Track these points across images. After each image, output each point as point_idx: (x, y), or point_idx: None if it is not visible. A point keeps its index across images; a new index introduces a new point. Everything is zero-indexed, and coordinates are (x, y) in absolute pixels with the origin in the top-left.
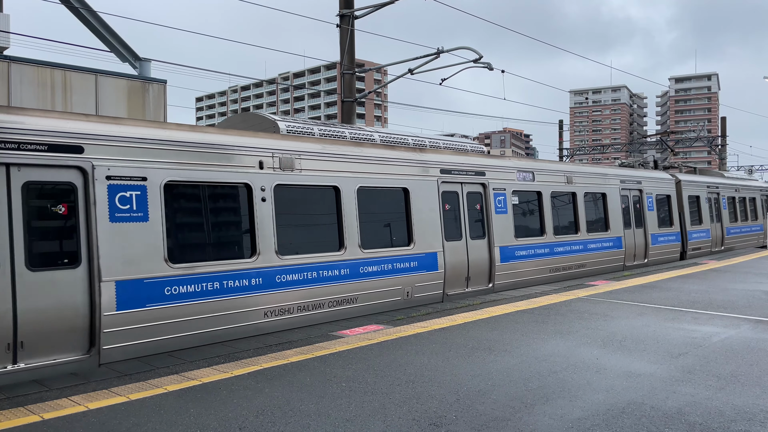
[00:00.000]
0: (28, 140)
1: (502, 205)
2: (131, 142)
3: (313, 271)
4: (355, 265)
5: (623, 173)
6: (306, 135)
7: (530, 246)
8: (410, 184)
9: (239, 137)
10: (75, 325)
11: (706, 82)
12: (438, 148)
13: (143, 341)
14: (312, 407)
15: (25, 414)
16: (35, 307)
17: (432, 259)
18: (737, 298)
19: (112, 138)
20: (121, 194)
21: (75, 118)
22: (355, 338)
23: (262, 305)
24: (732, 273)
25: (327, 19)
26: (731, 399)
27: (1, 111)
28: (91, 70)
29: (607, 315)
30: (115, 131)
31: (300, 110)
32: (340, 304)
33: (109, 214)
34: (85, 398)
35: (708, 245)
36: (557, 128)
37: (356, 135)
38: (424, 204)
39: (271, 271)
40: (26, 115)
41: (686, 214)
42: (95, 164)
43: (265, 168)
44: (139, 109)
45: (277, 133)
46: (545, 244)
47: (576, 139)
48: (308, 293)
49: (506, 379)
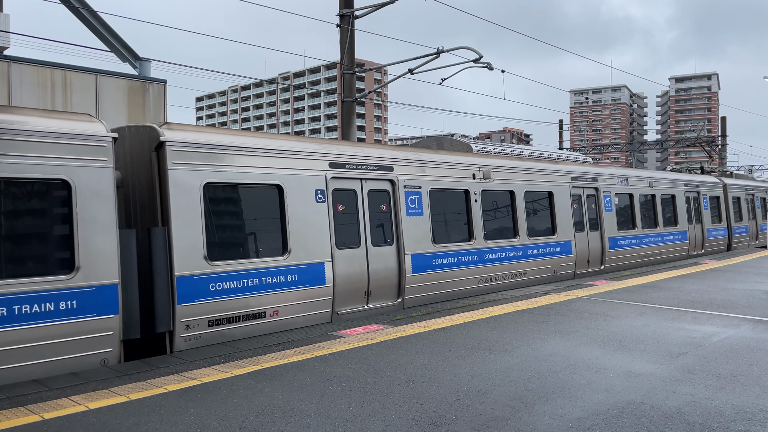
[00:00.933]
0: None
1: (609, 204)
2: (413, 163)
3: (503, 252)
4: (525, 248)
5: (687, 178)
6: (487, 153)
7: (628, 237)
8: (554, 188)
9: (463, 157)
10: None
11: (706, 81)
12: (563, 161)
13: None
14: (312, 407)
15: (25, 414)
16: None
17: (567, 247)
18: (737, 298)
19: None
20: (411, 197)
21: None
22: (355, 338)
23: (477, 274)
24: (732, 272)
25: (327, 19)
26: (731, 399)
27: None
28: (91, 70)
29: (607, 315)
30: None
31: (300, 110)
32: (516, 277)
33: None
34: (85, 398)
35: (747, 239)
36: (557, 128)
37: (516, 152)
38: (562, 203)
39: (481, 251)
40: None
41: (731, 213)
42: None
43: (476, 178)
44: (140, 109)
45: (471, 152)
46: (638, 235)
47: (576, 139)
48: (500, 267)
49: (506, 379)
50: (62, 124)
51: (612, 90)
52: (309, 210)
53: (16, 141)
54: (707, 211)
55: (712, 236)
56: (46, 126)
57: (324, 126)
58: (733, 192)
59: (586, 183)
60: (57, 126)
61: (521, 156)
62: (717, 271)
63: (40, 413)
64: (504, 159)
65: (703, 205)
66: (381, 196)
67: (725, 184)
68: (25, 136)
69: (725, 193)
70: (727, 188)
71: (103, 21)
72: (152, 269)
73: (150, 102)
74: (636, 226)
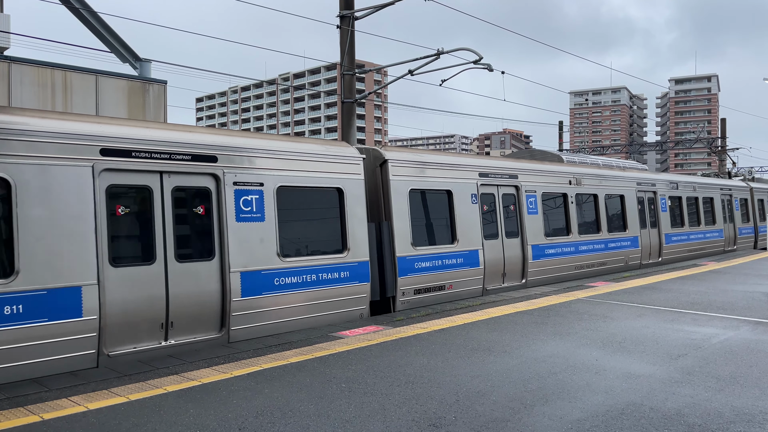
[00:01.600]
0: None
1: (664, 206)
2: (530, 173)
3: (591, 244)
4: (606, 242)
5: (722, 183)
6: (574, 163)
7: (679, 234)
8: (624, 191)
9: (562, 166)
10: None
11: (706, 83)
12: (629, 168)
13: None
14: (311, 408)
15: (25, 414)
16: None
17: (635, 241)
18: (737, 300)
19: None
20: (530, 199)
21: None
22: (354, 339)
23: (574, 262)
24: (731, 274)
25: (327, 20)
26: (730, 400)
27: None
28: (92, 71)
29: (606, 316)
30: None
31: (300, 111)
32: (599, 265)
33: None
34: (84, 398)
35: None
36: (557, 129)
37: (593, 161)
38: (631, 204)
39: (577, 243)
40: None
41: (756, 214)
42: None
43: (571, 184)
44: (140, 110)
45: (563, 162)
46: (686, 232)
47: (576, 140)
48: (589, 257)
49: (505, 380)
50: (336, 149)
51: (612, 91)
52: (468, 209)
53: (318, 162)
54: (738, 212)
55: (742, 234)
56: (329, 151)
57: (324, 127)
58: (758, 195)
59: (647, 187)
60: (335, 151)
61: (597, 165)
62: (717, 273)
63: (40, 414)
64: (588, 167)
65: (735, 206)
66: (510, 199)
67: (751, 188)
68: (321, 160)
69: (751, 196)
70: (753, 191)
71: (104, 21)
72: (382, 251)
73: (150, 103)
74: (684, 225)
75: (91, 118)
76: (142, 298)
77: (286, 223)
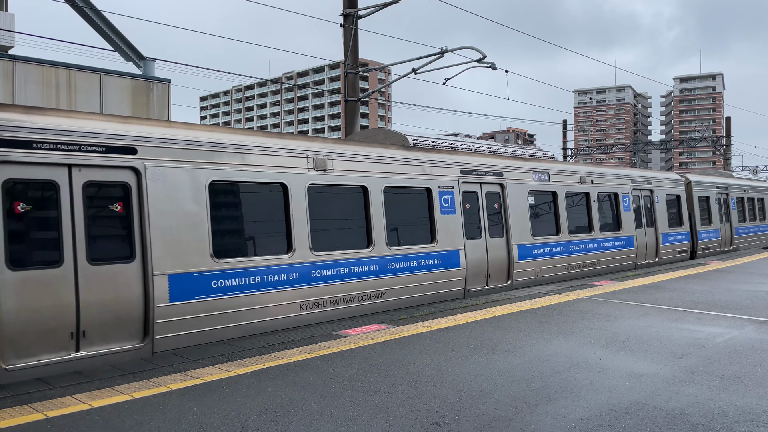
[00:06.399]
0: None
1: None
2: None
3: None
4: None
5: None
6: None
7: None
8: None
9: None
10: None
11: (710, 82)
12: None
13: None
14: (314, 406)
15: (29, 412)
16: None
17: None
18: (741, 299)
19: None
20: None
21: None
22: (357, 338)
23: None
24: (736, 273)
25: (331, 19)
26: (734, 400)
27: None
28: (96, 70)
29: (610, 315)
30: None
31: (304, 110)
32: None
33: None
34: (89, 396)
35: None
36: (561, 128)
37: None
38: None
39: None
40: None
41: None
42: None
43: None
44: (143, 109)
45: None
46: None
47: (580, 139)
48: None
49: (509, 379)
50: (278, 141)
51: (616, 90)
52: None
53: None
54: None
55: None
56: (269, 143)
57: (327, 126)
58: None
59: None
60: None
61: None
62: (721, 272)
63: (44, 411)
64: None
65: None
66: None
67: (690, 182)
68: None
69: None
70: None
71: (108, 20)
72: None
73: (154, 101)
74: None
75: (623, 169)
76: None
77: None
